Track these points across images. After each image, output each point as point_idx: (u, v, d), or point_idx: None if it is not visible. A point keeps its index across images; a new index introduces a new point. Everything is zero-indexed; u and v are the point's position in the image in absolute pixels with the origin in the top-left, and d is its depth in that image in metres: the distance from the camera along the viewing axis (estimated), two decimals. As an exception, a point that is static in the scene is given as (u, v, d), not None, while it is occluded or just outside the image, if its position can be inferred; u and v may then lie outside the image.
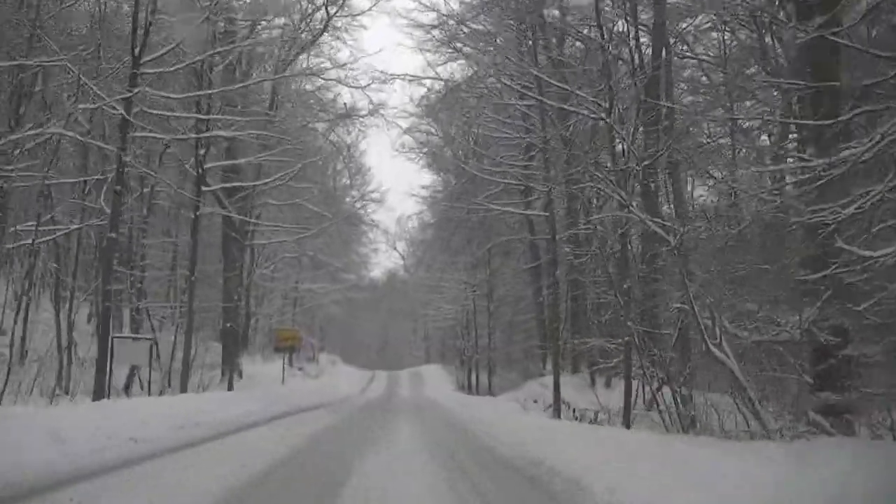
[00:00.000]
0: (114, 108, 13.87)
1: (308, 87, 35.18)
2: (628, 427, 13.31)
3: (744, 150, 20.59)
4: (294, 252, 39.73)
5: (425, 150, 53.78)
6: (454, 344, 57.46)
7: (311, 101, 33.46)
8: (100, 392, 14.14)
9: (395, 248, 72.03)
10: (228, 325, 23.42)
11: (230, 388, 24.76)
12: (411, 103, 35.57)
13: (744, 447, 9.79)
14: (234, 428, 14.09)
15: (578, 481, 8.14)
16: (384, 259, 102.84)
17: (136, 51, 13.95)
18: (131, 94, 13.83)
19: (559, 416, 18.14)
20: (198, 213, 19.86)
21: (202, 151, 19.53)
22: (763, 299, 12.85)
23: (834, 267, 11.49)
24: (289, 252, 39.50)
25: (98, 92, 13.41)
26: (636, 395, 19.46)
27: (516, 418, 16.73)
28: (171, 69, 15.98)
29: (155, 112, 16.34)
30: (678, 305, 12.96)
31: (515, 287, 34.07)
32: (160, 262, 32.47)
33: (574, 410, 17.59)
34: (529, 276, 31.46)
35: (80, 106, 13.87)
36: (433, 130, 53.69)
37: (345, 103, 35.86)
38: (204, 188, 20.25)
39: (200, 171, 19.43)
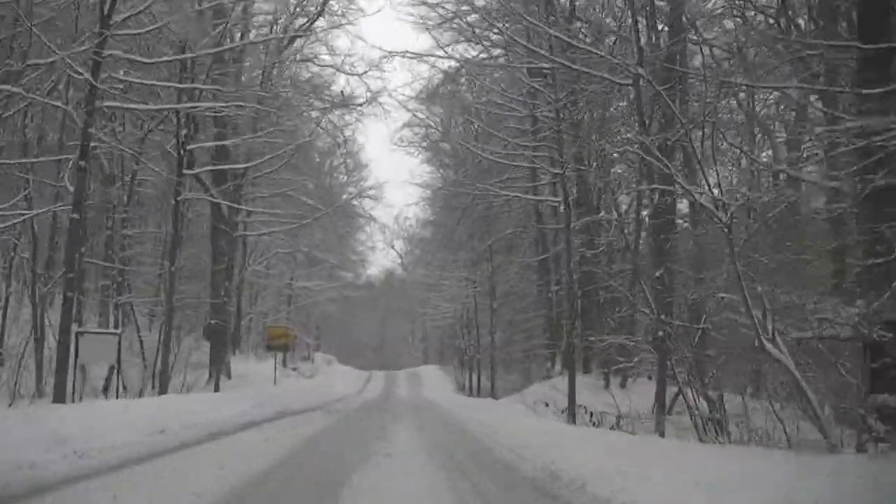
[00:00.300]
0: (78, 72, 12.24)
1: (305, 74, 33.67)
2: (662, 435, 11.69)
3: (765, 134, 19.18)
4: (288, 247, 38.08)
5: (424, 143, 52.40)
6: (453, 344, 55.85)
7: (307, 88, 31.84)
8: (59, 394, 12.47)
9: (392, 247, 70.52)
10: (213, 321, 21.74)
11: (216, 389, 23.16)
12: (411, 88, 33.91)
13: (804, 460, 8.24)
14: (206, 435, 12.47)
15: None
16: (381, 257, 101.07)
17: (106, 8, 12.29)
18: (98, 55, 12.17)
19: (574, 421, 16.53)
20: (178, 199, 18.22)
21: (184, 132, 17.88)
22: (806, 291, 11.34)
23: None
24: (282, 247, 37.85)
25: (54, 48, 11.78)
26: (655, 398, 18.02)
27: (529, 424, 15.09)
28: (145, 31, 14.32)
29: (128, 80, 14.70)
30: (724, 295, 11.38)
31: (519, 284, 32.48)
32: (150, 256, 30.92)
33: (591, 414, 15.98)
34: (535, 272, 29.86)
35: (31, 61, 12.24)
36: (432, 124, 52.32)
37: (341, 91, 34.35)
38: (186, 172, 18.60)
39: (182, 151, 17.80)
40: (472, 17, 20.97)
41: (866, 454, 9.16)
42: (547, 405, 18.12)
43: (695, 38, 19.40)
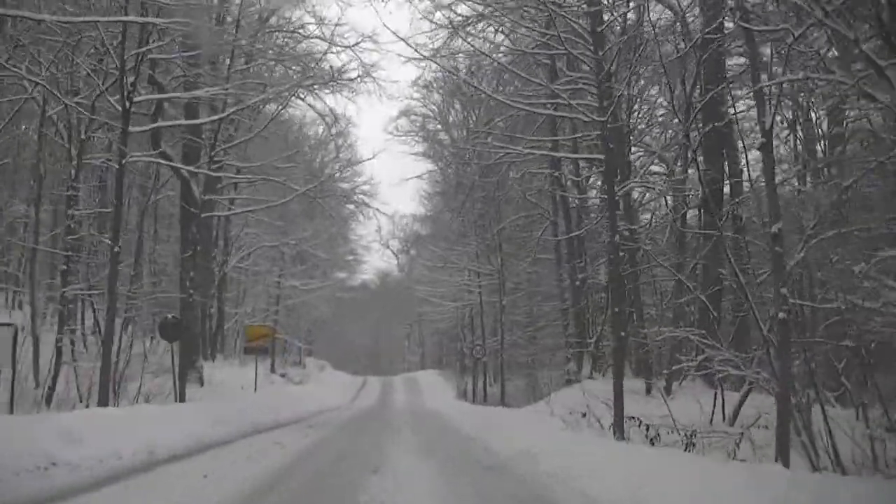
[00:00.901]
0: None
1: (291, 44, 29.89)
2: (787, 464, 7.85)
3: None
4: (274, 241, 34.14)
5: (421, 133, 48.66)
6: (453, 347, 51.99)
7: (289, 59, 28.03)
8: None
9: (387, 247, 66.68)
10: (171, 316, 17.82)
11: (181, 398, 19.22)
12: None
13: None
14: (123, 469, 8.64)
15: None
16: (377, 258, 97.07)
17: None
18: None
19: (622, 436, 12.73)
20: (123, 162, 14.33)
21: (131, 79, 14.02)
22: None
23: None
24: (268, 241, 33.91)
25: None
26: (715, 406, 14.23)
27: (585, 447, 11.11)
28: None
29: None
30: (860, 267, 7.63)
31: (532, 276, 28.56)
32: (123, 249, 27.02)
33: (647, 428, 12.17)
34: (552, 261, 26.00)
35: None
36: (430, 113, 48.66)
37: (331, 66, 30.62)
38: (133, 129, 14.73)
39: (127, 104, 13.94)
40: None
41: None
42: (584, 416, 14.28)
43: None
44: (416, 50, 14.25)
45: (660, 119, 18.18)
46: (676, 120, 15.41)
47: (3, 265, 23.64)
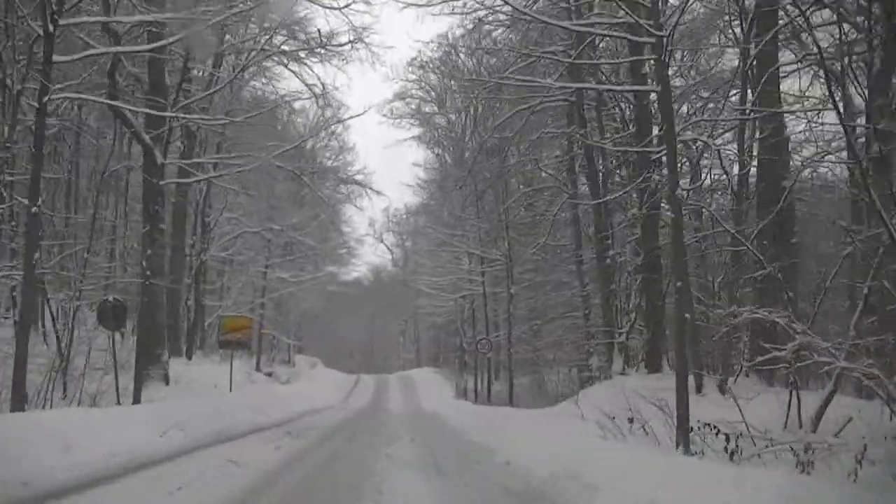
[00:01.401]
0: None
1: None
2: None
3: None
4: (258, 226, 30.84)
5: (417, 118, 45.43)
6: (451, 343, 48.76)
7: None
8: None
9: (381, 241, 63.43)
10: (112, 298, 14.55)
11: (136, 399, 16.02)
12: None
13: None
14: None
15: None
16: (370, 253, 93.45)
17: None
18: None
19: (687, 448, 9.59)
20: (44, 101, 11.09)
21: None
22: None
23: None
24: (251, 226, 30.61)
25: None
26: (790, 407, 11.13)
27: (655, 465, 7.90)
28: None
29: None
30: None
31: (540, 267, 25.36)
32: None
33: (728, 439, 9.00)
34: (564, 248, 22.86)
35: None
36: (427, 96, 45.44)
37: (318, 29, 27.45)
38: (58, 58, 11.48)
39: (51, 27, 10.74)
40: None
41: None
42: (631, 421, 11.12)
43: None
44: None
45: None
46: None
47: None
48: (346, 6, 21.50)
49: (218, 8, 13.13)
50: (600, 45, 16.99)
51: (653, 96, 15.25)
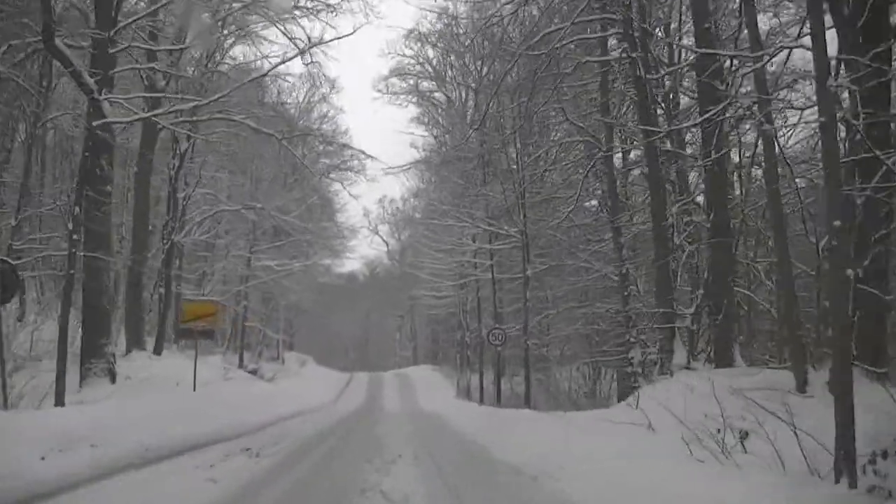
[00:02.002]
0: None
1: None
2: None
3: None
4: (237, 204, 26.98)
5: (413, 98, 41.57)
6: (451, 339, 44.92)
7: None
8: None
9: (376, 232, 59.54)
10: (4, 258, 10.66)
11: (59, 401, 12.17)
12: None
13: None
14: None
15: None
16: (365, 246, 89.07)
17: None
18: None
19: (853, 481, 5.84)
20: None
21: None
22: None
23: None
24: (230, 204, 26.71)
25: None
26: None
27: None
28: None
29: None
30: None
31: (557, 243, 21.45)
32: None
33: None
34: (588, 226, 19.05)
35: None
36: (426, 69, 41.61)
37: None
38: None
39: None
40: None
41: None
42: (743, 437, 7.37)
43: None
44: None
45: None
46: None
47: None
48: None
49: None
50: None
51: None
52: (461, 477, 8.08)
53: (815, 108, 7.53)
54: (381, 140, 68.11)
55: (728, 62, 11.62)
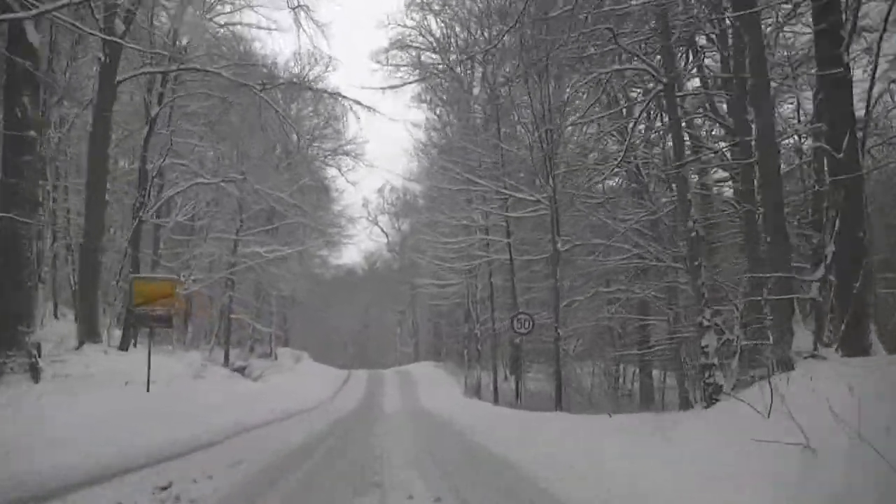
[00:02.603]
0: None
1: None
2: None
3: None
4: (215, 177, 23.26)
5: (416, 73, 37.88)
6: (455, 333, 41.23)
7: None
8: None
9: (376, 223, 55.84)
10: None
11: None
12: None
13: None
14: None
15: None
16: (364, 237, 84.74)
17: None
18: None
19: None
20: None
21: None
22: None
23: None
24: (207, 176, 22.94)
25: None
26: None
27: None
28: None
29: None
30: None
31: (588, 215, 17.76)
32: None
33: None
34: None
35: None
36: (429, 41, 38.01)
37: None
38: None
39: None
40: None
41: None
42: None
43: None
44: None
45: None
46: None
47: None
48: None
49: None
50: None
51: None
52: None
53: None
54: (378, 128, 64.33)
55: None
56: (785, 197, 9.05)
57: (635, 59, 12.41)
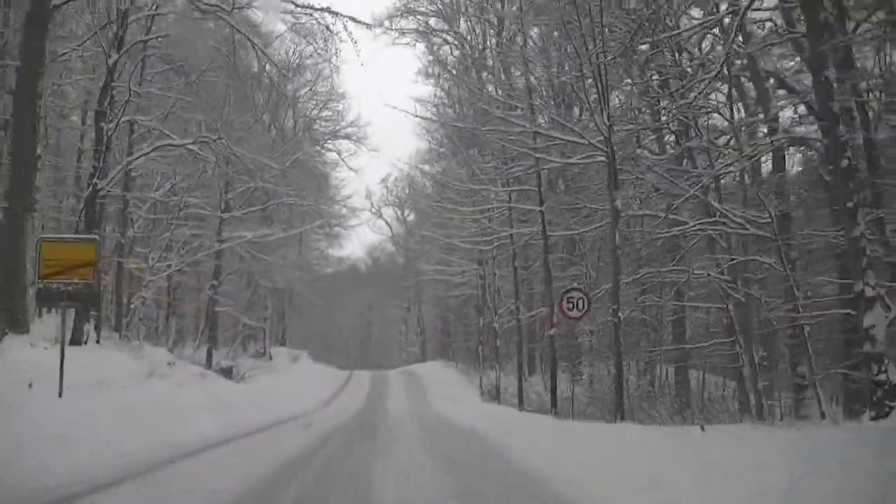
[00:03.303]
0: None
1: None
2: None
3: None
4: (187, 137, 18.97)
5: (423, 40, 33.68)
6: (466, 330, 37.00)
7: None
8: None
9: (380, 215, 51.53)
10: None
11: None
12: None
13: None
14: None
15: None
16: (365, 229, 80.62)
17: None
18: None
19: None
20: None
21: None
22: None
23: None
24: (174, 137, 18.59)
25: None
26: None
27: None
28: None
29: None
30: None
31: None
32: None
33: None
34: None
35: None
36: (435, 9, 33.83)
37: None
38: None
39: None
40: None
41: None
42: None
43: None
44: None
45: None
46: None
47: None
48: None
49: None
50: None
51: None
52: None
53: None
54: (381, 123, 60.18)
55: None
56: None
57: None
